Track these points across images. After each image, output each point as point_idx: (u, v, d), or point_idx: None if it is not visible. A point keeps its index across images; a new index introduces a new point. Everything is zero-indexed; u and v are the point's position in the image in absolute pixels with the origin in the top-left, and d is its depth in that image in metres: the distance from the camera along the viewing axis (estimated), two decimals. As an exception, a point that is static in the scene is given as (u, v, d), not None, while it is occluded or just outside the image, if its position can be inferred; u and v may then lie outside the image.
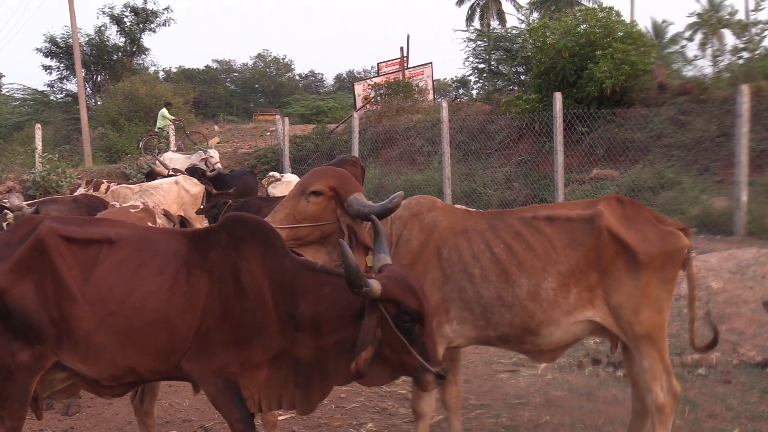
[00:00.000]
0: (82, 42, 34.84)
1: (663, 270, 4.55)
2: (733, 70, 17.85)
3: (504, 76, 30.78)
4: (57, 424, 6.34)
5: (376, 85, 26.61)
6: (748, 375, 6.76)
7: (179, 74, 49.16)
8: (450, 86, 38.69)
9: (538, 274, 4.58)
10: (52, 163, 20.09)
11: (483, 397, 6.53)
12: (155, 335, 4.18)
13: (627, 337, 4.60)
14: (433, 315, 4.65)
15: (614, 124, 15.70)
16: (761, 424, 5.64)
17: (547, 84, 17.23)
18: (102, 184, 11.48)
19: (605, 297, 4.58)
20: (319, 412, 6.31)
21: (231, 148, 25.86)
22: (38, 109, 36.83)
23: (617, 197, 4.78)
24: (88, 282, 4.13)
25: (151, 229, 4.67)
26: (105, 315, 4.12)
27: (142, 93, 29.57)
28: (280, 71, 59.62)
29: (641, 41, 17.17)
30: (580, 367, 7.21)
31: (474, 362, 7.41)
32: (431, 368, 3.94)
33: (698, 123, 14.84)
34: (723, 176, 13.55)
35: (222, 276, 4.24)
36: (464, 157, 18.26)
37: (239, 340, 4.22)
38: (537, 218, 4.72)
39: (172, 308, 4.16)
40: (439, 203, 5.03)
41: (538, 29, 18.75)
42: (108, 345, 4.14)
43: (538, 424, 5.84)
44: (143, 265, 4.21)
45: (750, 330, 8.03)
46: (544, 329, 4.64)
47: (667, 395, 4.57)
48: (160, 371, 4.34)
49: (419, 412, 4.92)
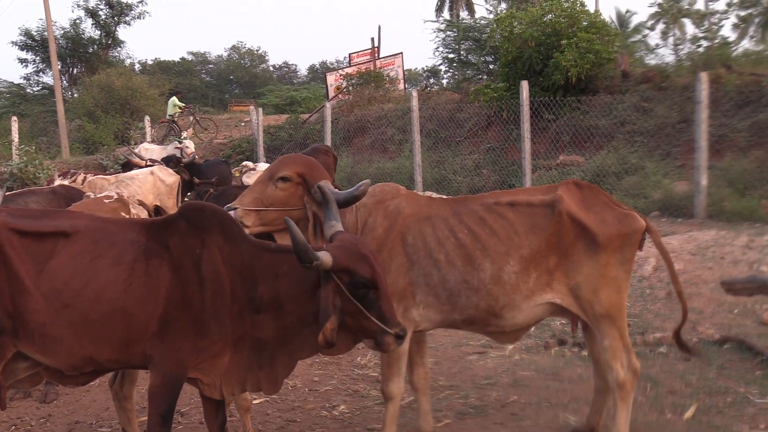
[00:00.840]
0: (58, 35, 34.51)
1: (621, 251, 4.58)
2: (693, 59, 18.04)
3: (473, 65, 30.79)
4: (35, 411, 6.29)
5: (347, 75, 26.62)
6: (707, 352, 6.82)
7: (155, 66, 48.73)
8: (420, 76, 38.71)
9: (501, 258, 4.59)
10: (29, 155, 19.85)
11: (452, 378, 6.55)
12: (113, 326, 4.13)
13: (587, 316, 4.62)
14: (400, 300, 4.68)
15: (579, 112, 15.77)
16: (718, 399, 5.71)
17: (514, 73, 17.25)
18: (79, 175, 11.37)
19: (565, 279, 4.60)
20: (293, 395, 6.32)
21: (206, 138, 25.73)
22: (14, 102, 36.47)
23: (576, 182, 4.79)
24: (42, 275, 4.08)
25: (108, 220, 4.55)
26: (60, 307, 4.07)
27: (118, 85, 29.31)
28: (254, 62, 59.34)
29: (605, 31, 17.23)
30: (546, 347, 7.25)
31: (443, 344, 7.43)
32: (390, 330, 3.94)
33: (660, 110, 14.93)
34: (684, 161, 13.65)
35: (181, 264, 4.19)
36: (434, 144, 18.27)
37: (198, 329, 4.19)
38: (499, 204, 4.72)
39: (129, 298, 4.11)
40: (403, 190, 5.01)
41: (506, 19, 18.74)
42: (65, 337, 4.10)
43: (505, 404, 5.86)
44: (99, 257, 4.15)
45: (709, 309, 8.12)
46: (507, 312, 4.65)
47: (627, 372, 4.59)
48: (120, 360, 4.29)
49: (389, 394, 4.90)
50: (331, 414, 5.89)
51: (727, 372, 6.31)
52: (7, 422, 6.04)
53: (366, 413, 5.86)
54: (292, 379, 6.69)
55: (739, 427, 5.21)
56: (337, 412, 5.91)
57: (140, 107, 28.39)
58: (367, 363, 7.07)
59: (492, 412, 5.71)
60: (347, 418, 5.79)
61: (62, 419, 6.11)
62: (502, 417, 5.60)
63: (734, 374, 6.26)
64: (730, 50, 18.66)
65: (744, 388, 5.93)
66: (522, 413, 5.68)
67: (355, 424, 5.64)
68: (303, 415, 5.89)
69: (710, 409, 5.52)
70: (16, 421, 6.10)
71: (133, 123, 27.22)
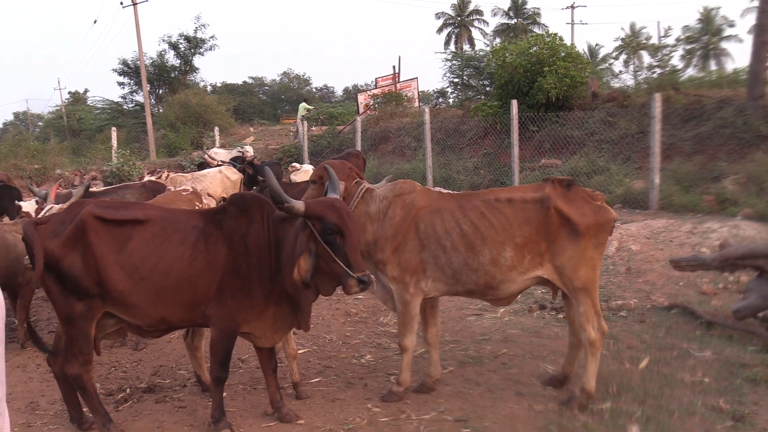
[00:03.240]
0: (147, 64, 34.61)
1: (597, 237, 4.55)
2: (649, 82, 17.86)
3: (473, 87, 30.72)
4: (128, 356, 6.38)
5: (374, 95, 26.62)
6: (658, 316, 6.77)
7: (222, 88, 48.78)
8: (432, 96, 38.58)
9: (498, 246, 4.58)
10: (125, 157, 20.07)
11: (455, 334, 6.54)
12: (181, 293, 4.25)
13: (568, 289, 4.60)
14: (413, 274, 4.70)
15: (558, 124, 15.63)
16: (666, 353, 5.67)
17: (506, 93, 17.10)
18: (163, 173, 11.43)
19: (551, 259, 4.57)
20: (330, 347, 6.35)
21: (263, 145, 25.79)
22: (114, 116, 36.63)
23: (557, 179, 4.74)
24: (122, 254, 4.21)
25: (173, 210, 4.70)
26: (138, 279, 4.20)
27: (194, 103, 29.36)
28: (300, 85, 59.22)
29: (579, 60, 17.05)
30: (530, 311, 7.21)
31: (448, 308, 7.42)
32: (353, 274, 3.89)
33: (622, 123, 14.78)
34: (641, 164, 13.52)
35: (232, 240, 4.29)
36: (442, 150, 18.18)
37: (246, 291, 4.28)
38: (498, 200, 4.70)
39: (193, 271, 4.22)
40: (418, 186, 4.99)
41: (499, 51, 18.59)
42: (143, 302, 4.24)
43: (497, 355, 5.85)
44: (168, 239, 4.27)
45: (660, 282, 8.06)
46: (503, 285, 4.65)
47: (597, 333, 4.58)
48: (186, 320, 4.42)
49: (404, 346, 4.92)
50: (359, 362, 5.91)
51: (674, 332, 6.27)
52: (107, 365, 6.12)
53: (387, 361, 5.87)
54: (329, 334, 6.73)
55: (682, 375, 5.17)
56: (364, 360, 5.93)
57: (210, 120, 28.40)
58: (388, 322, 7.08)
59: (486, 362, 5.71)
60: (372, 365, 5.81)
61: (149, 363, 6.18)
62: (494, 366, 5.60)
63: (679, 333, 6.21)
64: (678, 76, 18.47)
65: (686, 344, 5.89)
66: (510, 363, 5.67)
67: (378, 370, 5.65)
68: (337, 362, 5.91)
69: (660, 361, 5.49)
70: (115, 363, 6.19)
71: (205, 132, 27.27)
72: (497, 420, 4.53)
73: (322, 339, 6.63)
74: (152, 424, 4.71)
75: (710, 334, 6.20)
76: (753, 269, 6.52)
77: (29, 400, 5.32)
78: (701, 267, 6.88)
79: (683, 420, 4.41)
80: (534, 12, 48.78)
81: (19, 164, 20.49)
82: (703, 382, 5.04)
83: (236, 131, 29.81)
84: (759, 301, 6.23)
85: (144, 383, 5.56)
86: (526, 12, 48.95)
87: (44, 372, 6.00)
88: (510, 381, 5.25)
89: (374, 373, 5.59)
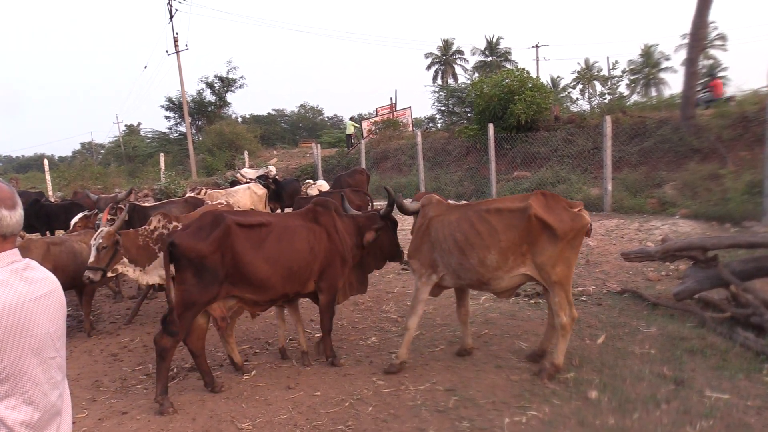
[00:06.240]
0: (189, 100, 34.60)
1: (573, 240, 4.51)
2: (601, 107, 17.89)
3: (457, 114, 30.67)
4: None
5: (375, 122, 26.63)
6: (612, 299, 6.74)
7: (250, 119, 48.64)
8: (423, 121, 38.41)
9: (484, 251, 4.60)
10: (171, 178, 20.11)
11: (445, 318, 6.51)
12: (300, 273, 4.83)
13: (546, 283, 4.58)
14: (429, 267, 4.97)
15: (527, 143, 15.61)
16: (620, 330, 5.64)
17: (484, 118, 17.08)
18: (202, 190, 11.43)
19: (533, 259, 4.55)
20: (341, 331, 6.32)
21: (284, 165, 25.79)
22: (162, 144, 36.72)
23: (542, 192, 4.67)
24: (259, 250, 4.63)
25: (281, 215, 5.22)
26: (274, 266, 4.67)
27: (227, 131, 29.36)
28: (315, 115, 59.11)
29: (543, 89, 17.03)
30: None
31: (440, 296, 7.33)
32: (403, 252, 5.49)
33: (580, 141, 14.77)
34: (596, 174, 13.49)
35: (329, 231, 5.01)
36: (432, 166, 18.15)
37: (341, 267, 5.07)
38: (489, 211, 4.69)
39: (309, 256, 4.85)
40: (434, 199, 5.13)
41: (478, 84, 18.59)
42: (276, 283, 4.70)
43: (480, 335, 5.83)
44: (290, 236, 4.81)
45: (614, 271, 8.02)
46: (493, 282, 4.68)
47: (568, 318, 4.56)
48: (300, 293, 5.00)
49: (408, 326, 5.03)
50: (366, 343, 5.89)
51: (626, 312, 6.24)
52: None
53: (389, 342, 5.85)
54: (341, 320, 6.70)
55: (632, 348, 5.15)
56: (370, 342, 5.91)
57: (241, 145, 28.38)
58: (390, 309, 7.06)
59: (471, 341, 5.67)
60: (376, 345, 5.79)
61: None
62: (477, 343, 5.57)
63: (630, 313, 6.19)
64: (624, 101, 18.51)
65: (636, 322, 5.86)
66: (491, 341, 5.65)
67: (381, 350, 5.63)
68: (347, 343, 5.89)
69: (614, 337, 5.47)
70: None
71: (237, 155, 27.26)
72: (480, 389, 4.52)
73: (335, 325, 6.59)
74: (195, 397, 4.71)
75: (655, 313, 6.17)
76: (689, 259, 6.52)
77: (94, 379, 5.32)
78: (647, 258, 6.86)
79: (634, 385, 4.39)
80: (506, 51, 48.80)
81: (85, 185, 20.64)
82: (650, 353, 5.02)
83: (262, 154, 29.74)
84: (695, 285, 6.23)
85: (188, 364, 5.55)
86: (499, 51, 48.96)
87: (107, 356, 5.99)
88: (491, 356, 5.23)
89: (378, 352, 5.57)
